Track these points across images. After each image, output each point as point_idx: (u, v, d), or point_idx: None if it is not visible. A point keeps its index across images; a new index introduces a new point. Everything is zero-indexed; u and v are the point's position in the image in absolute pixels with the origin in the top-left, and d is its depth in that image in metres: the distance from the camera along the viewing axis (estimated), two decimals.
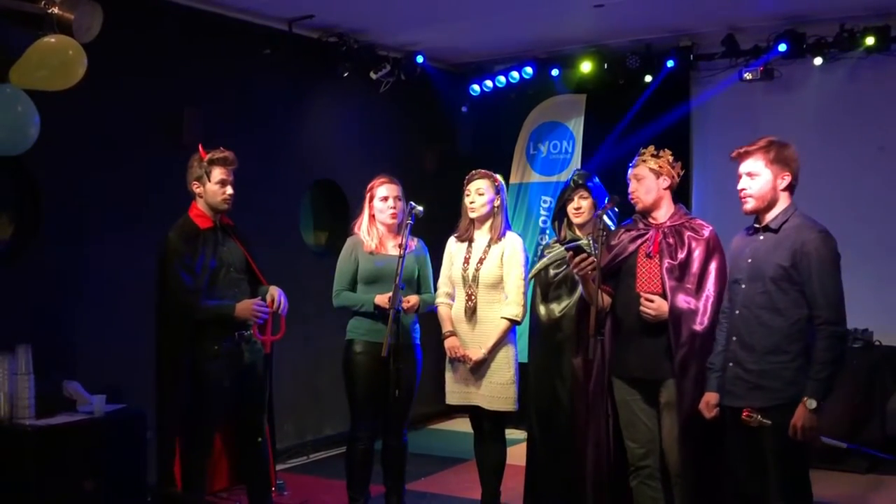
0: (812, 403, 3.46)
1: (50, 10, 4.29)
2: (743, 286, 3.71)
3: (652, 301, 4.00)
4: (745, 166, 3.71)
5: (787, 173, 3.66)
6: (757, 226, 3.75)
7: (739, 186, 3.74)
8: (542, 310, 4.81)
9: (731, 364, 3.72)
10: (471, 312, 4.79)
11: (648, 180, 4.15)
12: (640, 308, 4.02)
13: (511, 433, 5.17)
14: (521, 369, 4.86)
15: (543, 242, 6.87)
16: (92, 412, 4.68)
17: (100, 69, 4.61)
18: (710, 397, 3.82)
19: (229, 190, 4.45)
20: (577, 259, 4.01)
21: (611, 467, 4.21)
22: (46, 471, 4.39)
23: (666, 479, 4.09)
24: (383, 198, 4.85)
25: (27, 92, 4.28)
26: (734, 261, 3.82)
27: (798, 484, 3.60)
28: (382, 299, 4.66)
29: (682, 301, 3.99)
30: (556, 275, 4.76)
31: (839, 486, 5.65)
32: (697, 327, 3.96)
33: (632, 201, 4.22)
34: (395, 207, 4.84)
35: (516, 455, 5.20)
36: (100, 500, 4.57)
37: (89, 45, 4.38)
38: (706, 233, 4.09)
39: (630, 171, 4.22)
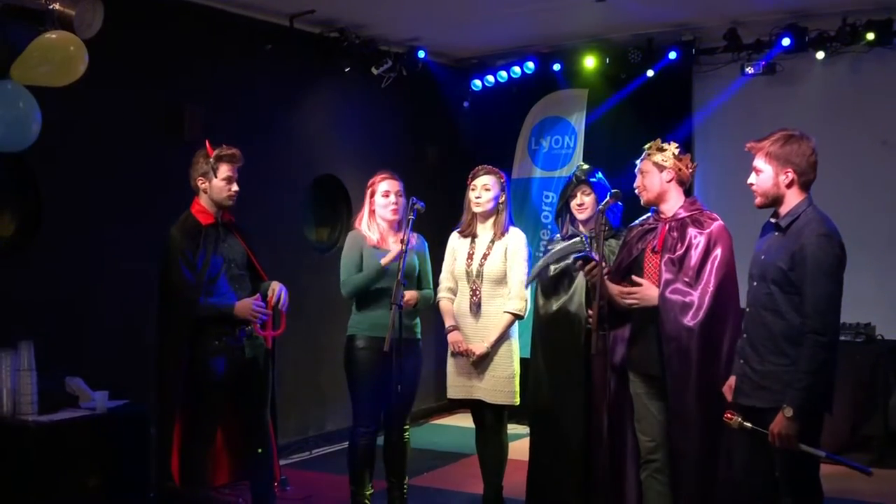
0: (789, 411, 3.39)
1: (51, 6, 4.28)
2: (754, 283, 3.64)
3: (633, 291, 4.02)
4: (754, 161, 3.64)
5: (790, 170, 3.52)
6: (773, 220, 3.65)
7: (748, 182, 3.67)
8: (541, 305, 4.81)
9: (741, 361, 3.68)
10: (475, 308, 4.80)
11: (652, 174, 4.14)
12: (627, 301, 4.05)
13: (513, 428, 5.17)
14: (523, 364, 4.86)
15: (546, 238, 6.87)
16: (94, 408, 4.68)
17: (101, 65, 4.60)
18: (733, 381, 3.75)
19: (235, 187, 4.46)
20: (588, 268, 4.07)
21: (611, 461, 4.21)
22: (49, 467, 4.39)
23: None
24: (385, 193, 4.85)
25: (29, 88, 4.28)
26: (753, 256, 3.72)
27: (807, 482, 3.55)
28: (387, 259, 4.65)
29: (674, 294, 3.97)
30: (556, 270, 4.76)
31: (843, 482, 5.64)
32: (689, 321, 3.92)
33: (638, 195, 4.22)
34: (396, 203, 4.83)
35: (519, 450, 5.20)
36: (102, 496, 4.57)
37: (90, 41, 4.37)
38: (711, 225, 4.05)
39: (637, 165, 4.22)
